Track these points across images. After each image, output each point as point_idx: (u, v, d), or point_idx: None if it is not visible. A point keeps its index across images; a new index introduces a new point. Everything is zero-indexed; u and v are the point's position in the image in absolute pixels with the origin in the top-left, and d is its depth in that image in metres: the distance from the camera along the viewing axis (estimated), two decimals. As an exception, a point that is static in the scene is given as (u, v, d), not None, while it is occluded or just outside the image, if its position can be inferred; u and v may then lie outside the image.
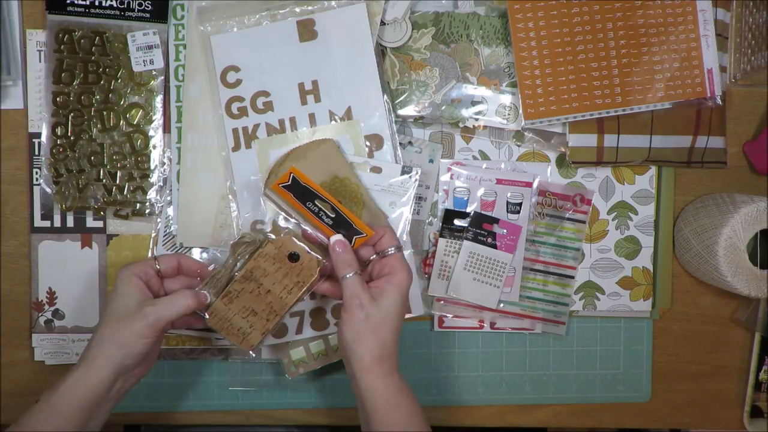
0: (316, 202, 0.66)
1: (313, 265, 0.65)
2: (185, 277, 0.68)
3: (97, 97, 0.73)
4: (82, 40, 0.73)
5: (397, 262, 0.64)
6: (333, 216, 0.66)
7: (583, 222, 0.78)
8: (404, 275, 0.63)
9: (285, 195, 0.66)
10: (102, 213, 0.75)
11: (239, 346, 0.66)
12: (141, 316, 0.61)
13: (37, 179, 0.75)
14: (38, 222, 0.75)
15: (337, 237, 0.64)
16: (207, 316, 0.65)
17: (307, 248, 0.65)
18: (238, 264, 0.66)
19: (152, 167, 0.75)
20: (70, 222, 0.75)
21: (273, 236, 0.66)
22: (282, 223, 0.71)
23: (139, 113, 0.74)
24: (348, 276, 0.62)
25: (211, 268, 0.69)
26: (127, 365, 0.61)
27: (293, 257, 0.65)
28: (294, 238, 0.65)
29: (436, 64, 0.74)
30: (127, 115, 0.74)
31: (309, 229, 0.68)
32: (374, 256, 0.66)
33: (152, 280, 0.66)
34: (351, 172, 0.71)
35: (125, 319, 0.61)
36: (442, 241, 0.76)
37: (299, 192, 0.66)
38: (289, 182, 0.66)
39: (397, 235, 0.72)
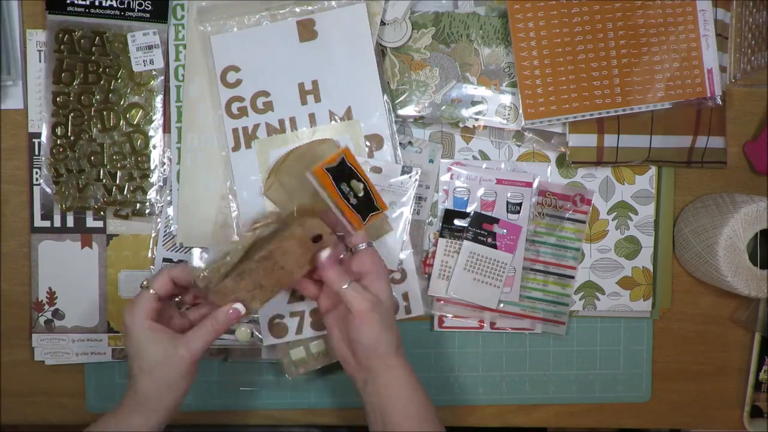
0: (351, 183, 0.67)
1: (332, 245, 0.65)
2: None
3: (97, 97, 0.73)
4: (82, 40, 0.73)
5: (372, 257, 0.66)
6: (360, 196, 0.67)
7: (583, 222, 0.78)
8: (382, 267, 0.66)
9: (324, 178, 0.66)
10: (102, 213, 0.75)
11: (240, 313, 0.64)
12: (176, 358, 0.61)
13: (37, 179, 0.75)
14: (38, 222, 0.75)
15: (326, 253, 0.64)
16: (212, 292, 0.63)
17: (330, 231, 0.65)
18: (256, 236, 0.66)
19: (152, 167, 0.75)
20: (70, 222, 0.75)
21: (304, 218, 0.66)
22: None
23: (139, 113, 0.74)
24: (346, 286, 0.63)
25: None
26: (177, 404, 0.63)
27: (316, 239, 0.65)
28: (321, 221, 0.65)
29: (436, 64, 0.74)
30: (127, 115, 0.74)
31: (333, 207, 0.67)
32: (343, 254, 0.67)
33: (161, 309, 0.64)
34: (351, 172, 0.71)
35: (160, 366, 0.61)
36: (442, 241, 0.76)
37: (338, 174, 0.66)
38: (336, 164, 0.66)
39: (397, 236, 0.73)
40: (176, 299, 0.68)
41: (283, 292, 0.70)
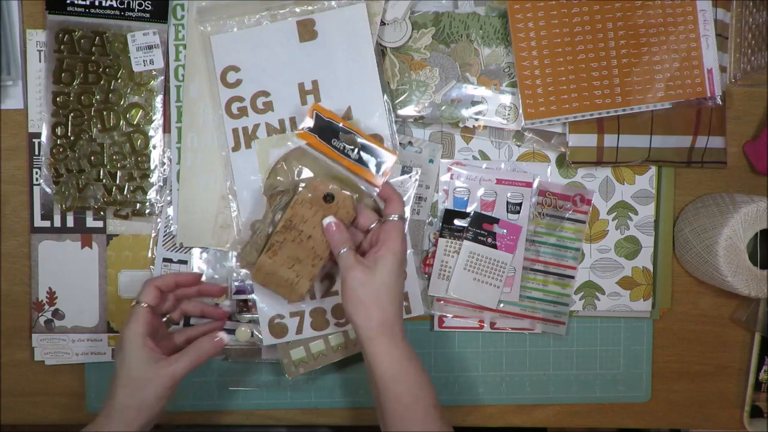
0: (340, 138, 0.68)
1: (348, 203, 0.66)
2: (183, 291, 0.71)
3: (97, 97, 0.73)
4: (82, 40, 0.73)
5: (393, 229, 0.65)
6: (357, 149, 0.68)
7: (583, 222, 0.78)
8: (398, 242, 0.65)
9: (309, 138, 0.68)
10: (102, 213, 0.75)
11: (289, 299, 0.68)
12: (158, 379, 0.63)
13: (37, 179, 0.75)
14: (38, 222, 0.75)
15: (330, 219, 0.66)
16: (252, 274, 0.67)
17: (339, 188, 0.66)
18: (277, 216, 0.68)
19: (152, 167, 0.75)
20: (70, 222, 0.75)
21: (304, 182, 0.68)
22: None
23: (139, 113, 0.74)
24: (343, 251, 0.64)
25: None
26: (150, 422, 0.64)
27: (328, 198, 0.66)
28: (326, 181, 0.67)
29: (436, 64, 0.74)
30: (127, 115, 0.74)
31: (339, 168, 0.69)
32: (375, 224, 0.67)
33: (154, 323, 0.67)
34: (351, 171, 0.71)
35: (142, 384, 0.63)
36: (442, 241, 0.76)
37: (322, 132, 0.68)
38: (314, 122, 0.68)
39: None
40: (165, 318, 0.70)
41: (327, 263, 0.70)
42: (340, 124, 0.68)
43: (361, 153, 0.69)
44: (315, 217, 0.66)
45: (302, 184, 0.67)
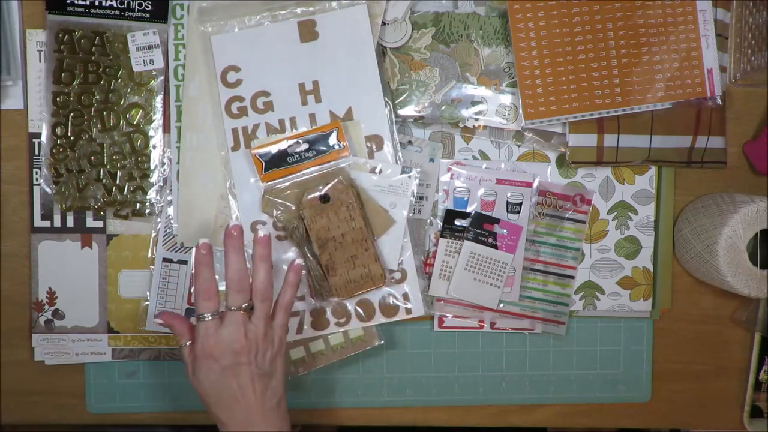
0: (290, 152, 0.71)
1: (340, 187, 0.70)
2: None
3: (97, 97, 0.73)
4: (82, 40, 0.73)
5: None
6: (307, 147, 0.71)
7: (583, 222, 0.78)
8: (196, 342, 0.64)
9: (270, 176, 0.71)
10: (102, 213, 0.75)
11: (378, 286, 0.72)
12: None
13: (37, 179, 0.75)
14: (38, 222, 0.75)
15: (158, 319, 0.66)
16: (339, 296, 0.72)
17: (324, 185, 0.71)
18: (312, 246, 0.71)
19: (152, 167, 0.75)
20: (70, 222, 0.75)
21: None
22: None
23: (139, 113, 0.74)
24: (186, 344, 0.65)
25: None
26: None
27: (324, 200, 0.70)
28: (310, 189, 0.70)
29: (436, 64, 0.74)
30: (127, 115, 0.74)
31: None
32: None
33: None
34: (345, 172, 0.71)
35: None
36: (443, 242, 0.76)
37: (274, 160, 0.71)
38: (261, 162, 0.71)
39: (398, 236, 0.72)
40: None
41: (375, 238, 0.73)
42: (281, 142, 0.71)
43: (312, 146, 0.71)
44: (333, 219, 0.70)
45: (301, 210, 0.71)
